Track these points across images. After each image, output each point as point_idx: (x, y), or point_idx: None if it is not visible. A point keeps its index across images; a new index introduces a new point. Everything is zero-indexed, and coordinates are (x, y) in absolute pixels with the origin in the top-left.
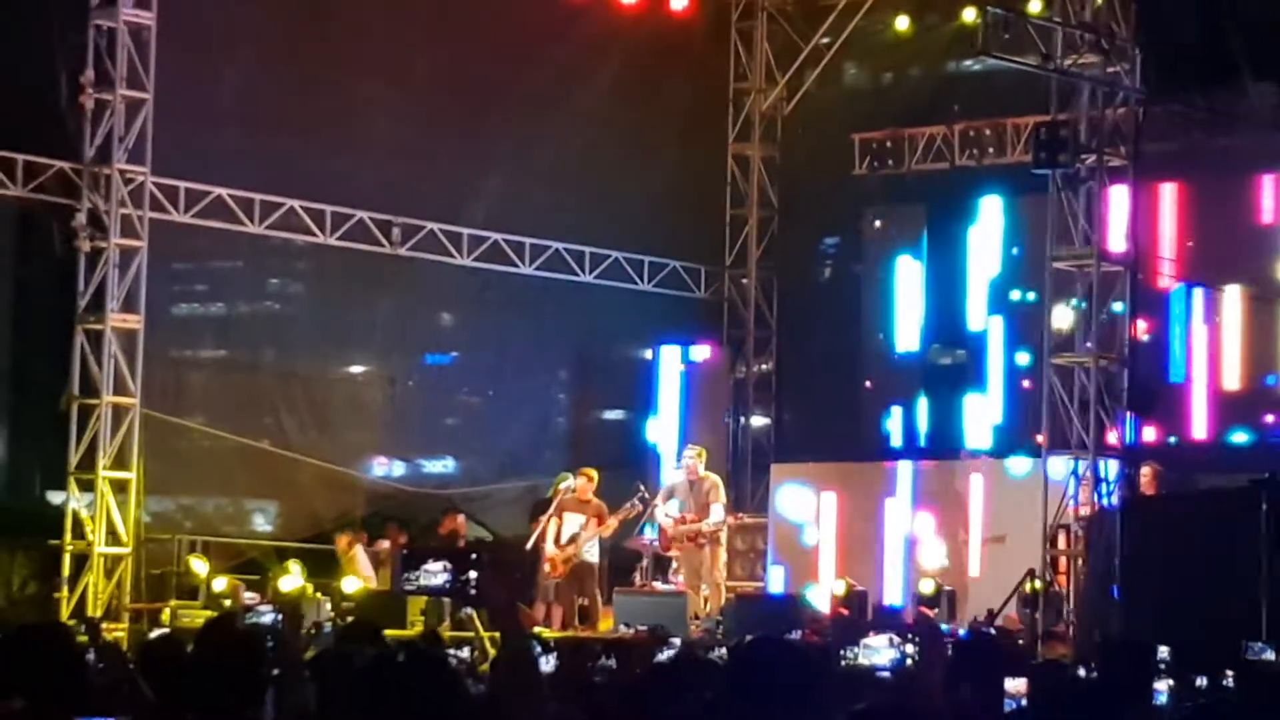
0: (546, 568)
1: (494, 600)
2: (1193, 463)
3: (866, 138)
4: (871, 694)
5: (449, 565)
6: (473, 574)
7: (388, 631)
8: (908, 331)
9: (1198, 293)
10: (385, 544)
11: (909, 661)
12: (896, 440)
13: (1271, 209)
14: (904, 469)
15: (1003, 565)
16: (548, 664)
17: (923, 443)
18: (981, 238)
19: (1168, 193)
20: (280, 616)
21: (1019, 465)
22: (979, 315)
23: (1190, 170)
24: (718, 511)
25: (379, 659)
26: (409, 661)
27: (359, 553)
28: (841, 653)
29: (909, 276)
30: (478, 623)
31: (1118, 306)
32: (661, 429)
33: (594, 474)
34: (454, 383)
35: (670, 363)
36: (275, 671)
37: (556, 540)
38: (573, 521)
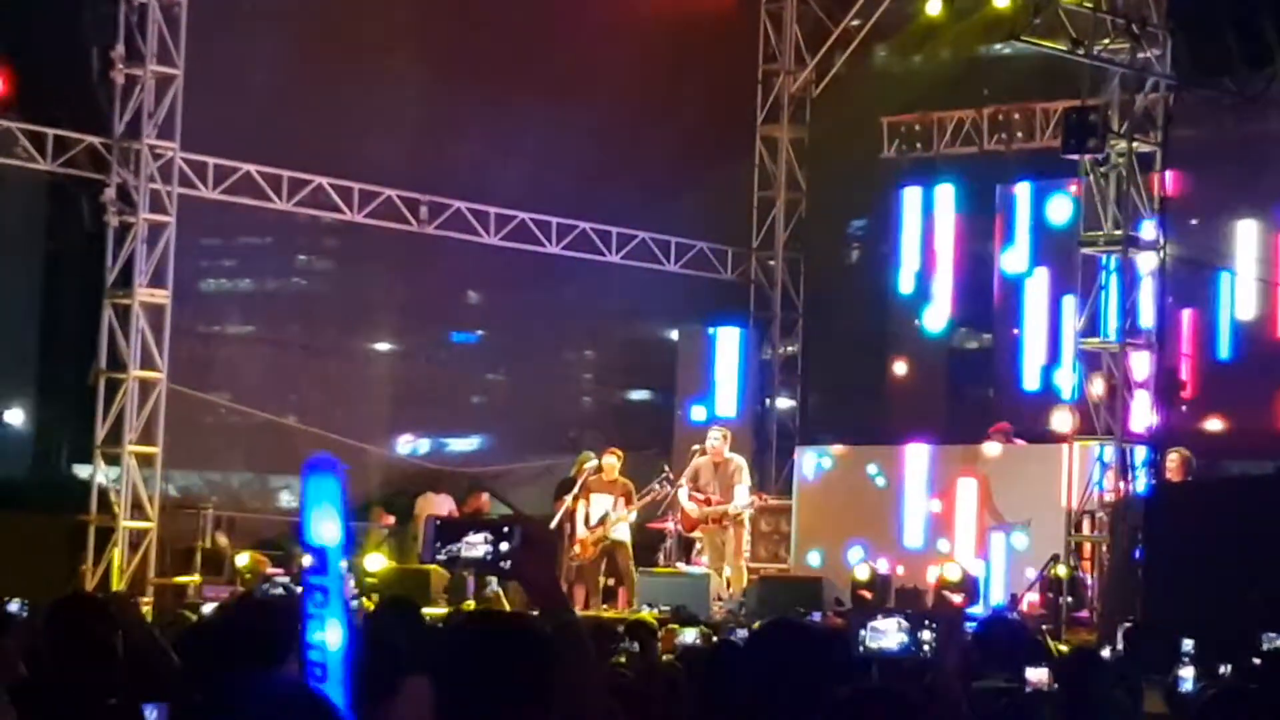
0: (576, 549)
1: (533, 575)
2: (1222, 449)
3: (895, 120)
4: (879, 676)
5: (490, 537)
6: (505, 547)
7: None
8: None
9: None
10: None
11: (925, 648)
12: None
13: None
14: (929, 451)
15: (1024, 550)
16: None
17: (948, 425)
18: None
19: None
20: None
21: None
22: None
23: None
24: (743, 494)
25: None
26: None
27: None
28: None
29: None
30: (504, 600)
31: (1147, 292)
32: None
33: (621, 454)
34: (480, 361)
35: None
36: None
37: (586, 522)
38: (600, 502)
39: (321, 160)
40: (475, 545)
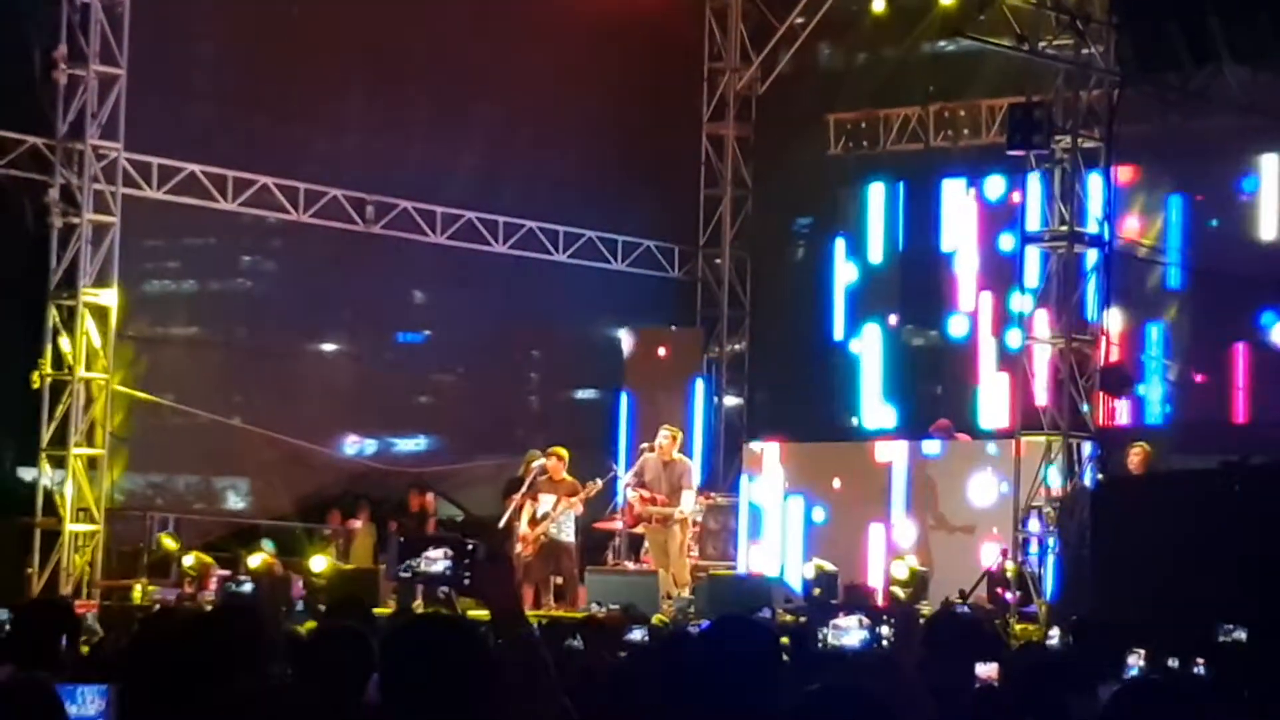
0: (519, 547)
1: (495, 593)
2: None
3: (841, 118)
4: (842, 672)
5: (449, 553)
6: (467, 563)
7: None
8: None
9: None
10: (357, 523)
11: (884, 642)
12: (869, 420)
13: None
14: (877, 449)
15: (971, 547)
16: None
17: (895, 423)
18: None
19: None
20: (256, 588)
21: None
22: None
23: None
24: (689, 500)
25: (407, 626)
26: (441, 628)
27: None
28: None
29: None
30: (455, 602)
31: (1091, 287)
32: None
33: (564, 453)
34: (426, 361)
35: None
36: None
37: (531, 520)
38: (546, 502)
39: (266, 160)
40: (435, 561)
